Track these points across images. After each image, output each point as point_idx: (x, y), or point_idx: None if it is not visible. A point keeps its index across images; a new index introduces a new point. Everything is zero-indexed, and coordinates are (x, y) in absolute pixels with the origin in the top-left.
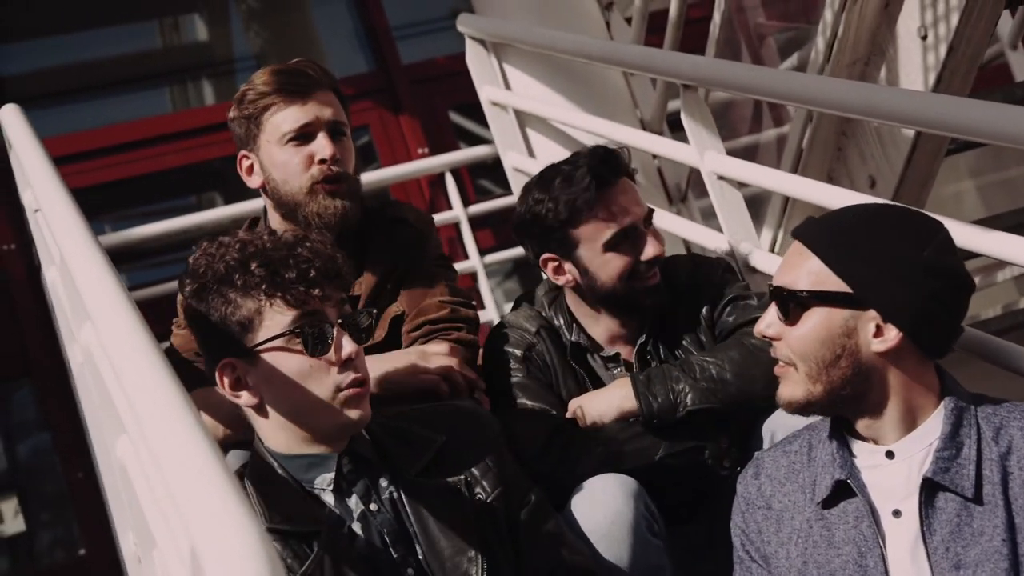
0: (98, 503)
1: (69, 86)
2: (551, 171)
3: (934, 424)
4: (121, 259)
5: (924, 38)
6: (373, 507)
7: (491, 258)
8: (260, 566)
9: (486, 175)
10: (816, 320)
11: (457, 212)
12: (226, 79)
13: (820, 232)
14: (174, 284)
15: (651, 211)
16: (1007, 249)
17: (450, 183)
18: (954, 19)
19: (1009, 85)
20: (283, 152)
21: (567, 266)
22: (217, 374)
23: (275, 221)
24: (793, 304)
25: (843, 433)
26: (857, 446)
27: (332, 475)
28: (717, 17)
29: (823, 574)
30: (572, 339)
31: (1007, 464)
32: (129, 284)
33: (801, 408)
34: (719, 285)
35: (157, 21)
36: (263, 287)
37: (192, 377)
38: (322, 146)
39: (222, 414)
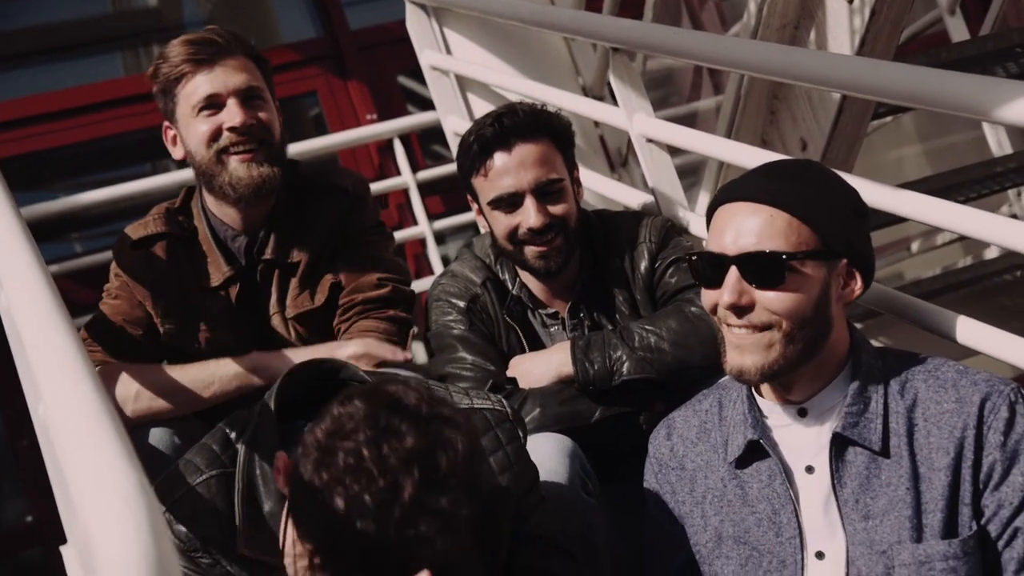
0: (44, 470)
1: (17, 50)
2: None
3: (844, 380)
4: (67, 226)
5: (851, 2)
6: None
7: (440, 224)
8: (146, 549)
9: (435, 141)
10: (799, 278)
11: (406, 178)
12: None
13: (776, 190)
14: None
15: (553, 180)
16: (928, 212)
17: (399, 149)
18: None
19: (935, 48)
20: (196, 122)
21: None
22: None
23: (206, 196)
24: (770, 266)
25: (751, 392)
26: (767, 405)
27: None
28: None
29: (738, 532)
30: (514, 293)
31: (912, 416)
32: (73, 252)
33: (776, 373)
34: (659, 243)
35: None
36: None
37: (121, 344)
38: (232, 114)
39: (160, 386)
